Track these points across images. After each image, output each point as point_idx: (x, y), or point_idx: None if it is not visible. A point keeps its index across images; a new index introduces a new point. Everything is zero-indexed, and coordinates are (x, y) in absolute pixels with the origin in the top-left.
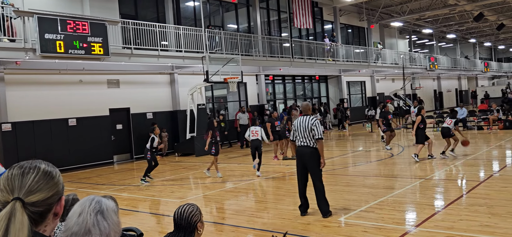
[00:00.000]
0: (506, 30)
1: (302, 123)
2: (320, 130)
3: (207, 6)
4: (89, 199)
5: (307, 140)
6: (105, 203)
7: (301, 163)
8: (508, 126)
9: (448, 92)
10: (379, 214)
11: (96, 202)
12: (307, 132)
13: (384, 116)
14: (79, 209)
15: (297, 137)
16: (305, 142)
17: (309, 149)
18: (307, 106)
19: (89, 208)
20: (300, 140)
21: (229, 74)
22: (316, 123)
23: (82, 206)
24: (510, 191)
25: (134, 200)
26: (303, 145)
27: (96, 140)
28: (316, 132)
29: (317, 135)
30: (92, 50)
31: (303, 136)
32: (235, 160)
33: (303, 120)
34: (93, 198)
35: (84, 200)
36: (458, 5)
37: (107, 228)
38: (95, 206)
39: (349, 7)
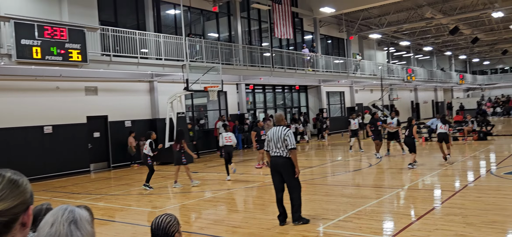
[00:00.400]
0: (480, 43)
1: (275, 134)
2: (293, 140)
3: (188, 14)
4: (62, 208)
5: (281, 150)
6: (78, 213)
7: (277, 172)
8: (482, 137)
9: (425, 103)
10: (357, 224)
11: (69, 212)
12: (281, 142)
13: (373, 122)
14: (51, 219)
15: (271, 147)
16: (278, 152)
17: (283, 159)
18: (281, 116)
19: (62, 218)
20: (274, 150)
21: (210, 83)
22: (289, 133)
23: (54, 216)
24: (484, 201)
25: (111, 210)
26: (277, 155)
27: (73, 148)
28: (289, 142)
29: (290, 145)
30: (70, 57)
31: (277, 146)
32: (214, 169)
33: (276, 131)
34: (66, 207)
35: (56, 209)
36: (435, 18)
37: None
38: (68, 216)
39: (329, 18)
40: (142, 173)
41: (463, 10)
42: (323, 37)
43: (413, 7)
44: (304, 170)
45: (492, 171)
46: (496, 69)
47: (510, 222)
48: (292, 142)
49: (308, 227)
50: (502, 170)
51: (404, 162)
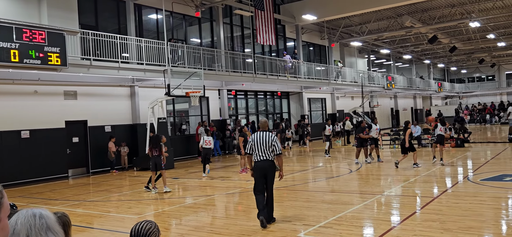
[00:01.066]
0: (458, 52)
1: (261, 138)
2: (279, 146)
3: (170, 19)
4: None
5: (266, 154)
6: (47, 217)
7: (262, 175)
8: (459, 144)
9: (404, 111)
10: (337, 230)
11: (39, 218)
12: (267, 147)
13: (361, 131)
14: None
15: (256, 152)
16: (264, 156)
17: (269, 163)
18: (265, 122)
19: (36, 228)
20: (260, 154)
21: (191, 88)
22: (276, 139)
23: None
24: (461, 207)
25: (89, 216)
26: (263, 159)
27: (51, 153)
28: (276, 148)
29: (277, 151)
30: (49, 61)
31: (263, 150)
32: (195, 175)
33: (262, 136)
34: (35, 214)
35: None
36: (414, 27)
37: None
38: (42, 223)
39: (311, 25)
40: (121, 179)
41: (441, 20)
42: (305, 44)
43: (393, 16)
44: (286, 175)
45: (469, 178)
46: (473, 77)
47: (486, 228)
48: (279, 148)
49: (289, 233)
50: (479, 177)
51: (382, 168)
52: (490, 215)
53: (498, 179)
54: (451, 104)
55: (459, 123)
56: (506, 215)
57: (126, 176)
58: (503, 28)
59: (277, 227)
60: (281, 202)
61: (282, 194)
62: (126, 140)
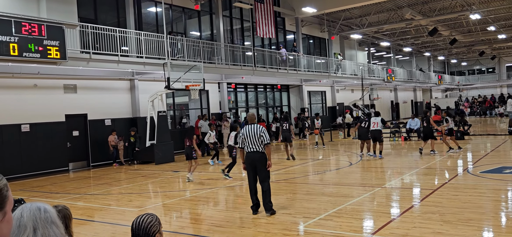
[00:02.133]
0: (458, 45)
1: (251, 131)
2: (268, 136)
3: (169, 12)
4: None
5: (256, 146)
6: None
7: (252, 166)
8: (459, 136)
9: (404, 103)
10: (337, 222)
11: (44, 211)
12: (257, 138)
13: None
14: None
15: (246, 144)
16: (254, 148)
17: (259, 154)
18: (253, 116)
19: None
20: (250, 146)
21: (191, 82)
22: (264, 130)
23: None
24: (461, 199)
25: (90, 210)
26: (253, 150)
27: (51, 147)
28: (265, 138)
29: (266, 141)
30: (48, 54)
31: (253, 142)
32: (196, 168)
33: (251, 129)
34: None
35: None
36: (414, 20)
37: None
38: (47, 217)
39: (310, 18)
40: (122, 172)
41: (441, 12)
42: (305, 37)
43: (393, 8)
44: (286, 168)
45: (469, 170)
46: (474, 70)
47: (485, 220)
48: (267, 138)
49: (289, 225)
50: (479, 169)
51: (381, 161)
52: (489, 207)
53: (497, 171)
54: (451, 96)
55: (459, 116)
56: (505, 207)
57: (126, 169)
58: (504, 20)
59: (277, 220)
60: (281, 195)
61: (282, 187)
62: (125, 133)
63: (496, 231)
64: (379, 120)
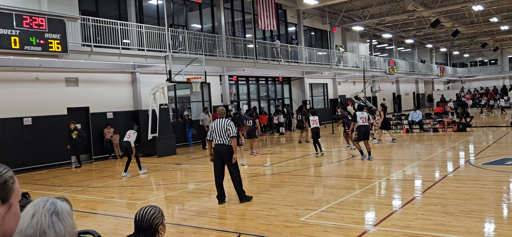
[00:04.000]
0: (460, 36)
1: (218, 125)
2: (233, 129)
3: (170, 4)
4: (43, 200)
5: (223, 139)
6: (59, 205)
7: (219, 159)
8: (461, 128)
9: (406, 95)
10: (339, 214)
11: (50, 203)
12: (223, 132)
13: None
14: (32, 210)
15: (214, 137)
16: (221, 141)
17: (225, 147)
18: (223, 110)
19: (44, 209)
20: (217, 139)
21: (193, 74)
22: (231, 123)
23: (35, 207)
24: (462, 191)
25: (93, 202)
26: (220, 143)
27: (53, 140)
28: (231, 131)
29: (232, 133)
30: (50, 47)
31: (220, 135)
32: (197, 161)
33: (219, 122)
34: (47, 199)
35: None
36: (416, 11)
37: (62, 230)
38: (50, 207)
39: (312, 10)
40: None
41: (444, 3)
42: (307, 29)
43: (395, 0)
44: (287, 161)
45: (470, 162)
46: (476, 61)
47: (487, 211)
48: (233, 131)
49: (291, 217)
50: (480, 161)
51: (383, 153)
52: (491, 199)
53: (499, 163)
54: (453, 88)
55: (461, 108)
56: (507, 198)
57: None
58: (507, 11)
59: (279, 212)
60: (283, 187)
61: (284, 179)
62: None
63: (497, 222)
64: (366, 115)
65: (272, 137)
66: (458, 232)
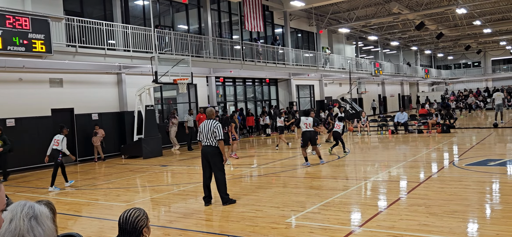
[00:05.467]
0: (444, 39)
1: (206, 126)
2: (220, 132)
3: (157, 5)
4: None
5: (210, 140)
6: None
7: (206, 160)
8: (445, 130)
9: (392, 97)
10: (325, 215)
11: (28, 207)
12: (210, 134)
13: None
14: (9, 215)
15: (202, 138)
16: (208, 142)
17: (211, 148)
18: (211, 111)
19: (22, 214)
20: (204, 140)
21: (179, 75)
22: (218, 126)
23: (12, 212)
24: (446, 191)
25: (77, 204)
26: (207, 145)
27: (37, 141)
28: (218, 133)
29: (219, 136)
30: (34, 48)
31: (207, 137)
32: (184, 162)
33: (207, 124)
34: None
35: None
36: (402, 14)
37: (42, 234)
38: (28, 211)
39: (299, 12)
40: (110, 167)
41: (428, 6)
42: (293, 31)
43: (381, 2)
44: (274, 162)
45: (454, 163)
46: (460, 64)
47: (470, 212)
48: (220, 134)
49: (278, 218)
50: (464, 162)
51: (369, 154)
52: (474, 199)
53: (482, 164)
54: (437, 90)
55: (445, 109)
56: (490, 199)
57: (113, 164)
58: (489, 15)
59: (265, 213)
60: (269, 189)
61: (270, 181)
62: (113, 128)
63: (480, 222)
64: (310, 120)
65: (259, 139)
66: (441, 233)
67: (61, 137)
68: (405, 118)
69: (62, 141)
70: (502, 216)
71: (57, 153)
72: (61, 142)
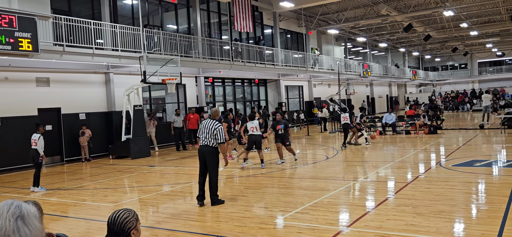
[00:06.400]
0: (432, 41)
1: (206, 126)
2: (222, 134)
3: (145, 4)
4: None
5: (208, 140)
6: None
7: (202, 159)
8: (432, 131)
9: (380, 98)
10: (313, 216)
11: (15, 207)
12: (210, 134)
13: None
14: None
15: (201, 137)
16: (206, 142)
17: (208, 148)
18: (216, 111)
19: (8, 214)
20: (203, 139)
21: (168, 75)
22: (219, 128)
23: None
24: (433, 192)
25: (64, 205)
26: (204, 144)
27: (23, 141)
28: (219, 136)
29: (220, 140)
30: (20, 46)
31: (206, 137)
32: (172, 163)
33: (208, 124)
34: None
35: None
36: (390, 16)
37: (28, 234)
38: (15, 211)
39: (288, 13)
40: (97, 167)
41: (416, 8)
42: (283, 32)
43: (370, 4)
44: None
45: (441, 163)
46: (447, 65)
47: (456, 212)
48: (221, 137)
49: (266, 219)
50: (451, 162)
51: (357, 155)
52: (460, 199)
53: (469, 165)
54: (425, 91)
55: (433, 110)
56: (475, 199)
57: (101, 164)
58: (476, 17)
59: (254, 214)
60: (258, 189)
61: (259, 181)
62: (100, 128)
63: (466, 222)
64: (256, 123)
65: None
66: (428, 232)
67: (37, 136)
68: (393, 119)
69: (39, 140)
70: (487, 216)
71: (37, 153)
72: (38, 141)
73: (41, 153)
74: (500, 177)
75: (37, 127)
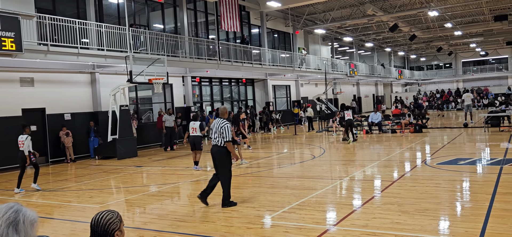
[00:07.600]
0: (417, 40)
1: (216, 125)
2: (227, 133)
3: (131, 4)
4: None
5: (216, 140)
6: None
7: (213, 159)
8: (418, 129)
9: (366, 97)
10: (300, 215)
11: (12, 212)
12: (218, 133)
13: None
14: None
15: (212, 137)
16: (214, 141)
17: (217, 148)
18: (224, 110)
19: (2, 218)
20: (213, 139)
21: (154, 75)
22: (225, 127)
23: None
24: (418, 190)
25: (49, 207)
26: (213, 144)
27: (6, 142)
28: (225, 134)
29: (226, 138)
30: (3, 46)
31: (215, 136)
32: (158, 163)
33: (217, 122)
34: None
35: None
36: (376, 16)
37: None
38: (10, 216)
39: (275, 12)
40: (83, 168)
41: (402, 8)
42: (270, 31)
43: (356, 4)
44: (251, 162)
45: (426, 162)
46: (432, 65)
47: (441, 210)
48: (226, 136)
49: (253, 218)
50: (435, 161)
51: (344, 154)
52: (445, 197)
53: (453, 163)
54: (410, 91)
55: (418, 109)
56: (460, 197)
57: (86, 165)
58: (460, 18)
59: (241, 213)
60: (245, 188)
61: (246, 181)
62: (86, 128)
63: (451, 220)
64: (197, 125)
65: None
66: (413, 230)
67: (24, 137)
68: (379, 118)
69: (26, 141)
70: (471, 213)
71: (24, 156)
72: (25, 142)
73: (26, 153)
74: (484, 175)
75: (24, 128)
